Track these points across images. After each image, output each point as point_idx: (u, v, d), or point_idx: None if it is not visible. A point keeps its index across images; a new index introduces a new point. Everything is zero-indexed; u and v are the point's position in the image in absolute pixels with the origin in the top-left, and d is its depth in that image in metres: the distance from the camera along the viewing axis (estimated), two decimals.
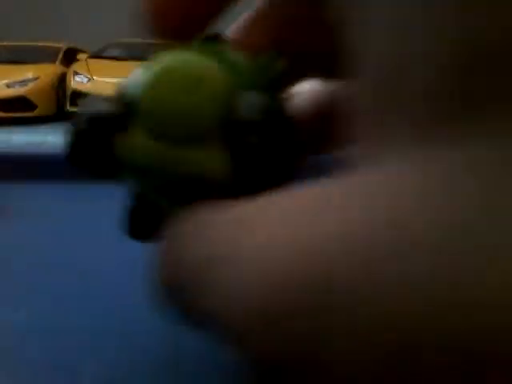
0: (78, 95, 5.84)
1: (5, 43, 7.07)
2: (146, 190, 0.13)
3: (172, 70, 0.12)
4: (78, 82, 6.00)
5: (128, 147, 0.12)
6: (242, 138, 0.11)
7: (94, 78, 6.02)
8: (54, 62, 6.73)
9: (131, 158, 0.12)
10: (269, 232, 0.09)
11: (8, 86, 6.04)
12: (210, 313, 0.10)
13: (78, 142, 0.12)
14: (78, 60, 6.65)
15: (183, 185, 0.12)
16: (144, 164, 0.12)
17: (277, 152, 0.12)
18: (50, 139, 4.13)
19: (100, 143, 0.12)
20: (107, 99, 0.12)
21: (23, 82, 6.13)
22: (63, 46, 7.22)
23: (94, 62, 6.40)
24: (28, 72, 6.26)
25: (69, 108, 5.95)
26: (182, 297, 0.11)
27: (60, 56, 6.89)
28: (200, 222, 0.11)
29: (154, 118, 0.12)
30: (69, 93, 5.98)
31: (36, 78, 6.17)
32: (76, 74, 6.10)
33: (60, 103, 6.33)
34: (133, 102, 0.12)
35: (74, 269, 0.25)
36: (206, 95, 0.11)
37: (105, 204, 0.25)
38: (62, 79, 6.37)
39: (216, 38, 0.13)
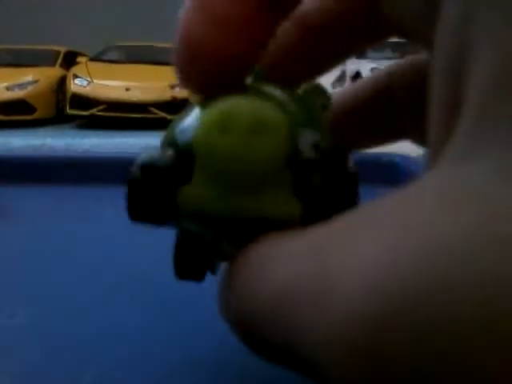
0: (77, 98, 5.85)
1: (4, 46, 7.08)
2: (206, 235, 0.13)
3: (231, 115, 0.11)
4: (78, 84, 6.00)
5: (192, 198, 0.12)
6: (309, 177, 0.11)
7: (94, 80, 6.03)
8: (53, 65, 6.74)
9: (196, 207, 0.12)
10: (361, 251, 0.08)
11: (8, 88, 6.05)
12: (287, 345, 0.09)
13: (137, 195, 0.12)
14: (77, 63, 6.66)
15: (251, 229, 0.11)
16: (211, 213, 0.12)
17: (340, 187, 0.12)
18: (50, 142, 4.14)
19: (161, 194, 0.12)
20: (161, 148, 0.12)
21: (23, 85, 6.14)
22: (63, 49, 7.23)
23: (93, 65, 6.41)
24: (28, 75, 6.27)
25: (68, 111, 5.96)
26: (251, 330, 0.11)
27: (60, 59, 6.90)
28: (269, 255, 0.11)
29: (218, 165, 0.11)
30: (68, 96, 5.99)
31: (36, 81, 6.17)
32: (76, 76, 6.11)
33: (60, 106, 6.33)
34: (190, 149, 0.11)
35: (73, 270, 0.25)
36: (271, 138, 0.11)
37: (105, 206, 0.25)
38: (61, 82, 6.38)
39: (258, 76, 0.13)
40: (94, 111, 5.79)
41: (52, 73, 6.49)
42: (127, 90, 5.79)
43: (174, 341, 0.18)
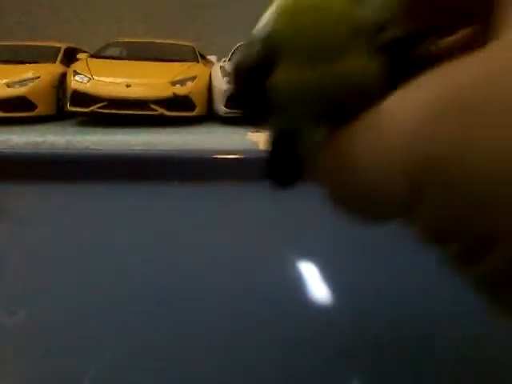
0: (78, 95, 5.84)
1: (4, 42, 7.06)
2: (299, 123, 0.13)
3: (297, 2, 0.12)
4: (78, 81, 5.99)
5: (281, 81, 0.12)
6: (381, 35, 0.12)
7: (95, 77, 6.02)
8: (54, 61, 6.72)
9: (289, 92, 0.12)
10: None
11: (8, 85, 6.03)
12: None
13: (237, 91, 0.13)
14: (78, 59, 6.64)
15: (342, 100, 0.13)
16: (303, 92, 0.13)
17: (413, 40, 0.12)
18: (50, 139, 4.13)
19: (255, 88, 0.13)
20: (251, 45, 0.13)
21: (23, 82, 6.12)
22: (63, 45, 7.21)
23: (94, 62, 6.39)
24: (28, 72, 6.25)
25: (69, 108, 5.95)
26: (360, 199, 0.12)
27: (60, 55, 6.88)
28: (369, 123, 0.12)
29: (299, 46, 0.12)
30: (69, 93, 5.97)
31: (36, 78, 6.16)
32: (76, 73, 6.09)
33: (60, 103, 6.32)
34: (274, 40, 0.12)
35: (73, 269, 0.25)
36: (333, 9, 0.12)
37: (106, 203, 0.25)
38: (62, 79, 6.37)
39: None
40: (94, 108, 5.77)
41: (52, 69, 6.48)
42: (128, 86, 5.77)
43: (175, 341, 0.18)
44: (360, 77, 0.12)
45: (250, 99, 0.13)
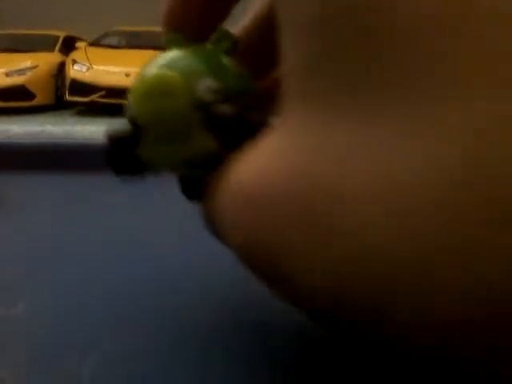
0: (77, 84, 5.81)
1: (3, 31, 7.02)
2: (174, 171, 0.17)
3: (146, 85, 0.15)
4: (77, 70, 5.96)
5: (147, 155, 0.16)
6: (210, 115, 0.15)
7: (94, 66, 5.99)
8: (52, 50, 6.69)
9: (147, 160, 0.16)
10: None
11: (6, 74, 6.01)
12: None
13: (110, 157, 0.16)
14: (76, 48, 6.60)
15: (194, 164, 0.16)
16: (163, 162, 0.16)
17: (245, 118, 0.15)
18: (49, 129, 4.12)
19: (125, 156, 0.16)
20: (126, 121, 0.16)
21: (22, 71, 6.10)
22: (62, 33, 7.16)
23: (93, 51, 6.36)
24: (26, 61, 6.22)
25: (68, 97, 5.93)
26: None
27: (58, 44, 6.84)
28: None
29: (152, 128, 0.15)
30: (68, 82, 5.95)
31: (34, 67, 6.13)
32: (75, 62, 6.07)
33: (59, 92, 6.30)
34: (136, 121, 0.16)
35: (73, 260, 0.25)
36: (173, 98, 0.15)
37: (105, 193, 0.25)
38: (60, 68, 6.34)
39: (222, 40, 0.17)
40: (93, 97, 5.76)
41: (51, 58, 6.44)
42: (127, 75, 5.75)
43: (175, 333, 0.18)
44: (202, 149, 0.15)
45: (120, 164, 0.16)
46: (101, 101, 5.73)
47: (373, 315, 0.09)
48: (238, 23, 0.19)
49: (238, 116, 0.15)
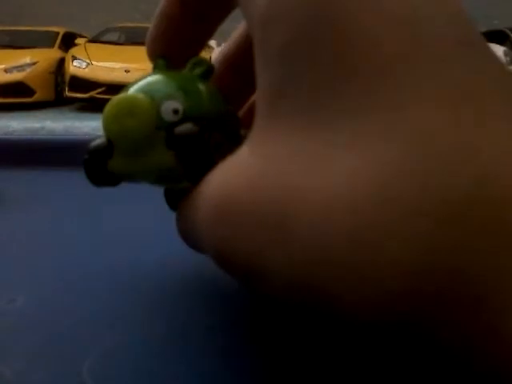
0: (76, 80, 5.80)
1: (2, 27, 6.99)
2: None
3: (116, 105, 0.17)
4: (77, 66, 5.94)
5: (115, 166, 0.18)
6: (171, 134, 0.16)
7: (93, 62, 5.97)
8: (51, 46, 6.66)
9: (116, 171, 0.18)
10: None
11: (6, 71, 5.99)
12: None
13: (87, 167, 0.18)
14: (76, 44, 6.58)
15: (158, 178, 0.18)
16: (131, 175, 0.18)
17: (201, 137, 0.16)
18: (49, 125, 4.11)
19: (99, 167, 0.18)
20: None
21: (21, 67, 6.08)
22: (61, 30, 7.14)
23: (92, 47, 6.34)
24: (26, 57, 6.20)
25: (67, 93, 5.91)
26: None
27: (58, 40, 6.82)
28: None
29: (121, 144, 0.17)
30: (67, 78, 5.93)
31: (34, 63, 6.11)
32: (74, 58, 6.05)
33: (58, 89, 6.28)
34: (108, 137, 0.17)
35: (73, 255, 0.25)
36: (138, 118, 0.16)
37: (104, 190, 0.24)
38: (60, 64, 6.32)
39: (196, 66, 0.18)
40: (93, 93, 5.74)
41: (50, 54, 6.42)
42: (127, 71, 5.74)
43: (174, 327, 0.18)
44: (162, 165, 0.17)
45: (96, 174, 0.18)
46: (100, 97, 5.71)
47: (331, 297, 0.10)
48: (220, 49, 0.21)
49: (197, 136, 0.16)
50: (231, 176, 0.13)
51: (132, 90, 0.17)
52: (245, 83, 0.19)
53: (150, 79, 0.18)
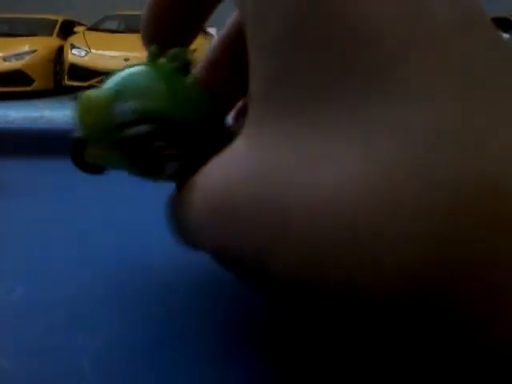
0: (75, 69, 5.76)
1: (0, 15, 6.94)
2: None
3: (81, 101, 0.18)
4: (76, 55, 5.91)
5: (89, 156, 0.19)
6: (122, 133, 0.16)
7: (92, 50, 5.94)
8: (50, 34, 6.61)
9: (93, 162, 0.19)
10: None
11: (4, 59, 5.95)
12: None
13: (72, 155, 0.20)
14: (75, 33, 6.54)
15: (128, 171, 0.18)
16: (100, 163, 0.19)
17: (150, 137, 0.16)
18: (48, 114, 4.10)
19: (80, 155, 0.19)
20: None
21: (20, 56, 6.04)
22: (60, 18, 7.08)
23: (91, 35, 6.30)
24: (24, 45, 6.16)
25: (66, 82, 5.88)
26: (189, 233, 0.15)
27: (57, 28, 6.77)
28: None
29: (85, 135, 0.18)
30: (66, 66, 5.90)
31: (33, 51, 6.07)
32: (73, 46, 6.01)
33: (58, 77, 6.24)
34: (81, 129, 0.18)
35: (73, 245, 0.24)
36: (93, 114, 0.17)
37: (105, 178, 0.24)
38: (59, 52, 6.28)
39: (174, 59, 0.18)
40: (92, 82, 5.72)
41: (49, 42, 6.38)
42: (126, 60, 5.70)
43: (174, 320, 0.18)
44: (122, 163, 0.18)
45: (79, 161, 0.20)
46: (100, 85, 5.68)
47: (334, 286, 0.10)
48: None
49: (144, 139, 0.16)
50: (228, 173, 0.13)
51: (104, 85, 0.18)
52: (243, 67, 0.19)
53: (124, 74, 0.18)
